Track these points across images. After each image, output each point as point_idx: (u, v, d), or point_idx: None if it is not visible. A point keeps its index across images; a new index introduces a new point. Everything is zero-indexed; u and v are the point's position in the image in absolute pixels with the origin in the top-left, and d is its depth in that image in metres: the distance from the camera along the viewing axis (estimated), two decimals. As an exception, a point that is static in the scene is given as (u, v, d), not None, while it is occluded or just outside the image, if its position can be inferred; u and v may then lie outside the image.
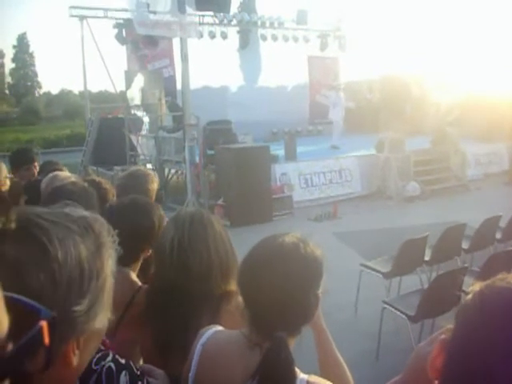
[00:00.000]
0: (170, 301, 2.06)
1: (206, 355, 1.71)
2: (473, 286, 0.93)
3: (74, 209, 1.08)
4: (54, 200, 2.37)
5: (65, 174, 3.30)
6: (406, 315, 4.98)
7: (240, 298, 1.87)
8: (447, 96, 16.75)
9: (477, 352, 0.84)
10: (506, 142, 16.25)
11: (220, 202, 11.71)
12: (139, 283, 2.41)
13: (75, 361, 0.97)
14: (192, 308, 2.01)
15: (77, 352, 0.97)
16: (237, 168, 11.34)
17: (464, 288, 5.13)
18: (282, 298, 1.55)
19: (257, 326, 1.61)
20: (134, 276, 2.42)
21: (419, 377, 1.07)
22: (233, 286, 2.06)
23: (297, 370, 1.52)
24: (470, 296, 0.91)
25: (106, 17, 18.19)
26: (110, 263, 1.04)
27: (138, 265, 2.49)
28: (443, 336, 0.94)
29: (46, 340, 0.79)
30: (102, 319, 1.02)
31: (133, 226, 2.33)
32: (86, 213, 1.08)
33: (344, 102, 17.08)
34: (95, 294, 0.98)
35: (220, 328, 1.80)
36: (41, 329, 0.79)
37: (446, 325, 0.97)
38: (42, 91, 70.42)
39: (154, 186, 3.35)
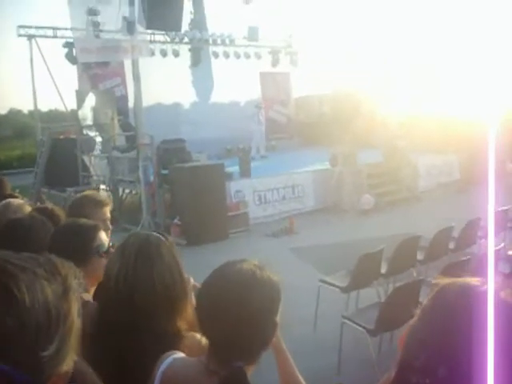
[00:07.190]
0: (116, 341, 1.96)
1: (166, 382, 1.69)
2: (437, 280, 1.18)
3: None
4: (11, 233, 2.34)
5: (18, 202, 3.23)
6: (365, 329, 5.02)
7: (193, 334, 1.86)
8: (397, 110, 17.09)
9: (422, 331, 1.11)
10: (456, 152, 16.66)
11: (176, 221, 11.63)
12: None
13: None
14: (141, 351, 1.90)
15: None
16: (192, 187, 11.30)
17: (421, 300, 5.21)
18: (238, 327, 1.54)
19: (214, 353, 1.60)
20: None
21: None
22: (182, 324, 2.01)
23: None
24: (432, 289, 1.17)
25: (55, 36, 17.97)
26: (76, 306, 1.04)
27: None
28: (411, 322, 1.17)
29: None
30: (69, 362, 1.01)
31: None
32: (52, 256, 1.08)
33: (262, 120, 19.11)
34: (63, 337, 0.98)
35: (179, 355, 1.78)
36: None
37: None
38: (-11, 111, 68.76)
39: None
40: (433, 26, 18.11)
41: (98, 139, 16.29)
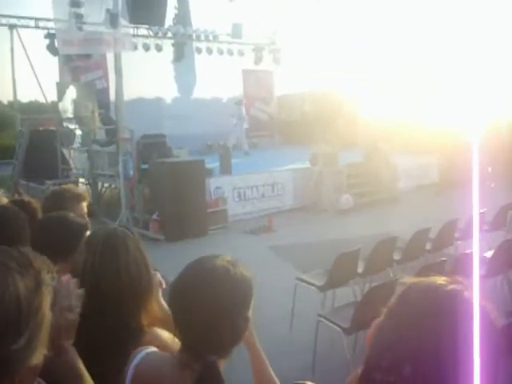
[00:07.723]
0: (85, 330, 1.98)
1: (139, 377, 1.70)
2: (405, 279, 1.17)
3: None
4: None
5: (-7, 193, 3.20)
6: (341, 327, 5.05)
7: (156, 331, 1.89)
8: (379, 111, 17.17)
9: (388, 330, 1.09)
10: (435, 155, 16.79)
11: (155, 216, 11.59)
12: None
13: None
14: (108, 340, 1.94)
15: None
16: (171, 182, 11.26)
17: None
18: (211, 322, 1.56)
19: (187, 347, 1.62)
20: None
21: None
22: (146, 319, 2.04)
23: None
24: (399, 288, 1.16)
25: (37, 27, 17.76)
26: (48, 300, 1.03)
27: None
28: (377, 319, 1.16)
29: None
30: (39, 356, 1.00)
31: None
32: (26, 250, 1.07)
33: (245, 116, 19.42)
34: (33, 331, 0.97)
35: (152, 349, 1.79)
36: None
37: None
38: (-33, 101, 67.73)
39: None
40: (418, 30, 18.23)
41: (78, 132, 16.17)
